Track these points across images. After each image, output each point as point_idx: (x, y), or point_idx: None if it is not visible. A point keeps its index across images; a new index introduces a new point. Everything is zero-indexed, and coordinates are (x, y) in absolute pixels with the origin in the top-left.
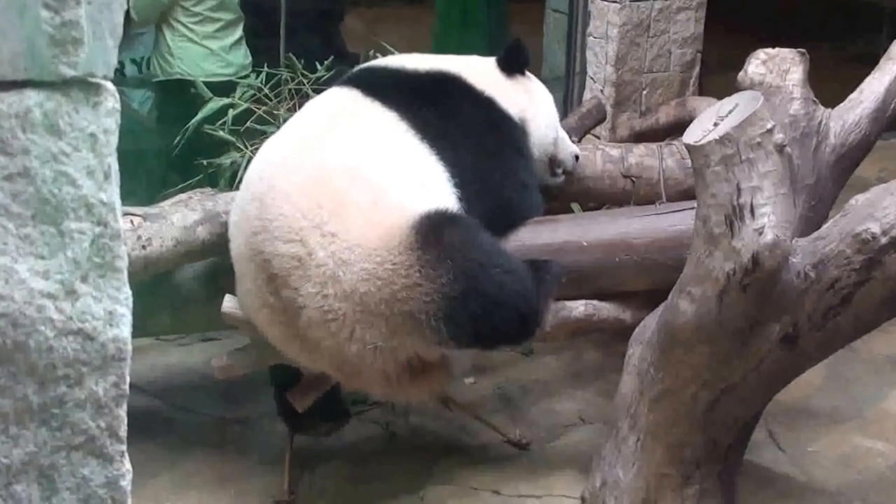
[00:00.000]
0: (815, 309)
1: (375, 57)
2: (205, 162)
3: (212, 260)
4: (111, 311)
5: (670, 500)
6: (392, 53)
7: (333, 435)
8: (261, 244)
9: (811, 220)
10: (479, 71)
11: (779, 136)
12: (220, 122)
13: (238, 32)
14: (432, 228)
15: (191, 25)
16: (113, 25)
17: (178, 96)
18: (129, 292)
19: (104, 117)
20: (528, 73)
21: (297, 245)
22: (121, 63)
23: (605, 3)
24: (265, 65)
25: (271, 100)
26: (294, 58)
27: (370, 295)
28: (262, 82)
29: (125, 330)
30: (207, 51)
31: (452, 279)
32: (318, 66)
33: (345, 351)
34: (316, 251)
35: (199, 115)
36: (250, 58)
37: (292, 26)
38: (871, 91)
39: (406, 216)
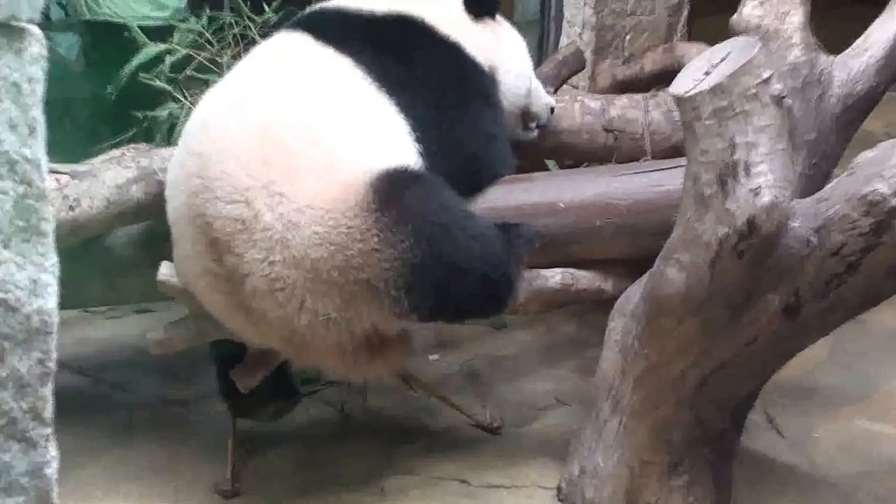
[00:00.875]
0: (817, 278)
1: None
2: (139, 114)
3: (147, 223)
4: (35, 279)
5: (655, 490)
6: None
7: (282, 418)
8: (201, 205)
9: (813, 180)
10: (443, 14)
11: (776, 87)
12: (156, 69)
13: None
14: (391, 187)
15: None
16: None
17: (109, 41)
18: (56, 259)
19: (29, 65)
20: (498, 16)
21: (242, 206)
22: (45, 5)
23: None
24: (207, 7)
25: (213, 45)
26: None
27: (322, 261)
28: (203, 26)
29: (51, 301)
30: None
31: (414, 244)
32: (266, 8)
33: (294, 323)
34: (262, 213)
35: (133, 63)
36: None
37: None
38: (878, 37)
39: (362, 174)
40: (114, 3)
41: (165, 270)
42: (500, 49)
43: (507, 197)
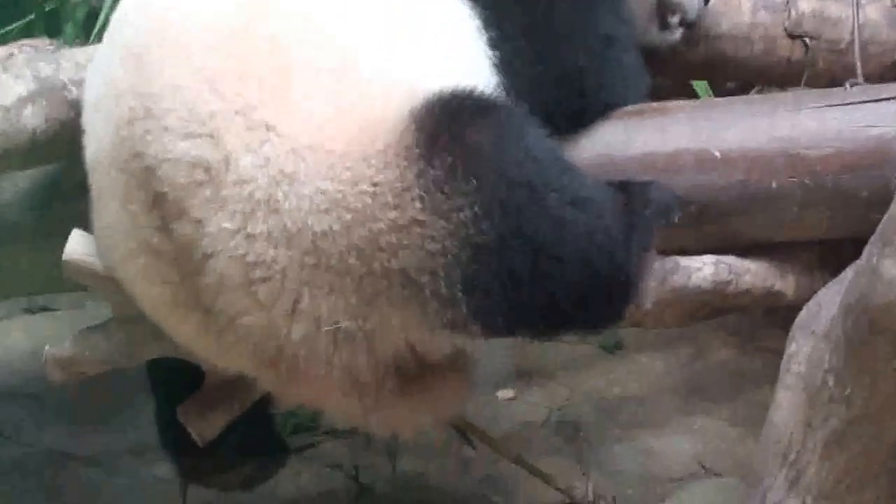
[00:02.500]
0: None
1: None
2: None
3: (49, 167)
4: None
5: None
6: None
7: (258, 486)
8: (138, 140)
9: None
10: None
11: None
12: None
13: None
14: (446, 122)
15: None
16: None
17: None
18: None
19: None
20: None
21: (205, 143)
22: None
23: None
24: None
25: None
26: None
27: (331, 238)
28: None
29: None
30: None
31: (479, 213)
32: None
33: (281, 335)
34: (237, 155)
35: None
36: None
37: None
38: None
39: (399, 99)
40: None
41: (76, 245)
42: None
43: (629, 140)
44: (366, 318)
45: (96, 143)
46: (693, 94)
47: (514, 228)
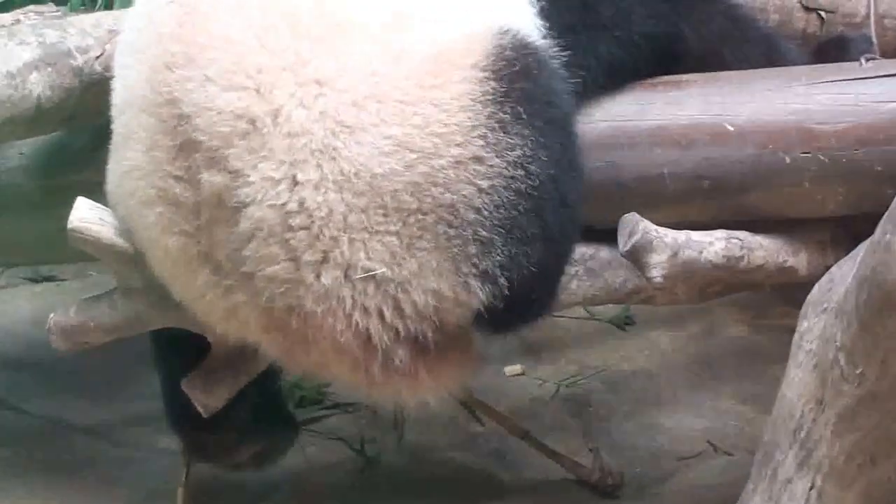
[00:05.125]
0: None
1: None
2: None
3: (55, 136)
4: None
5: None
6: None
7: (267, 464)
8: (177, 87)
9: None
10: None
11: None
12: None
13: None
14: (520, 74)
15: None
16: None
17: None
18: None
19: None
20: None
21: (251, 96)
22: None
23: None
24: None
25: None
26: None
27: (391, 177)
28: None
29: None
30: None
31: (529, 157)
32: None
33: (304, 285)
34: (288, 109)
35: None
36: None
37: None
38: None
39: (468, 47)
40: None
41: (82, 213)
42: None
43: (643, 113)
44: (402, 264)
45: (128, 85)
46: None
47: (551, 178)
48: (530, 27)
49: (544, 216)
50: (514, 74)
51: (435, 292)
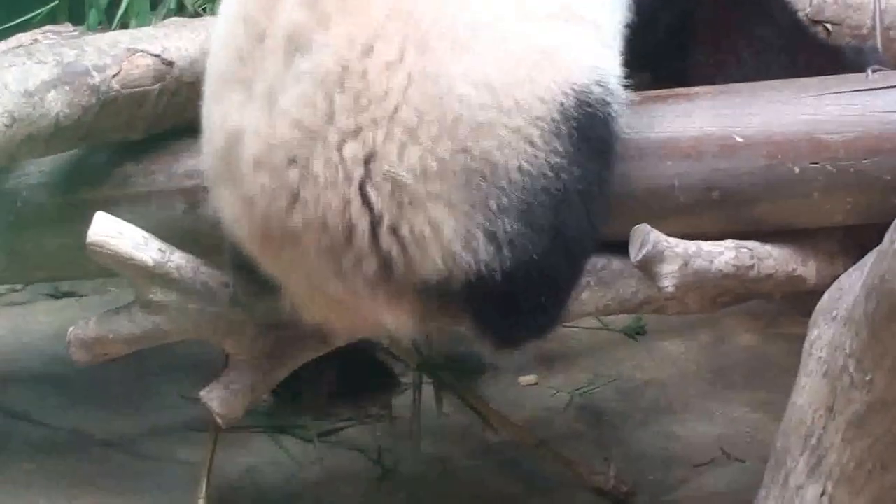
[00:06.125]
0: None
1: None
2: None
3: (72, 153)
4: None
5: None
6: None
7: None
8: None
9: None
10: None
11: None
12: None
13: None
14: (585, 125)
15: None
16: None
17: None
18: None
19: None
20: None
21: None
22: None
23: None
24: None
25: None
26: None
27: (465, 104)
28: None
29: None
30: None
31: (569, 170)
32: None
33: (321, 145)
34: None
35: None
36: None
37: None
38: None
39: (558, 80)
40: None
41: (101, 227)
42: None
43: (653, 124)
44: (425, 185)
45: None
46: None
47: (577, 192)
48: (615, 75)
49: (560, 219)
50: (588, 115)
51: (437, 226)
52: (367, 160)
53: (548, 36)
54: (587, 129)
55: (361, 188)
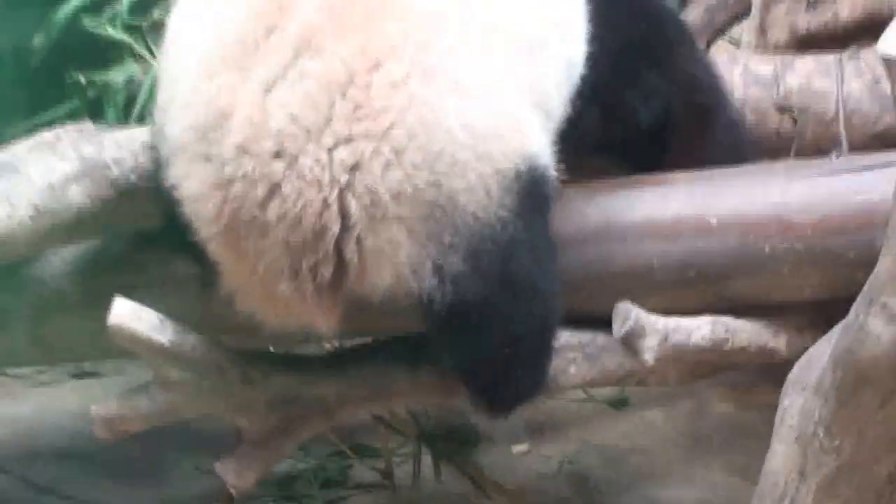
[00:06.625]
0: None
1: None
2: (83, 78)
3: (94, 242)
4: None
5: None
6: None
7: None
8: None
9: None
10: None
11: None
12: (108, 12)
13: None
14: (529, 198)
15: None
16: None
17: None
18: None
19: None
20: None
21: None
22: None
23: None
24: None
25: None
26: None
27: (436, 135)
28: None
29: None
30: None
31: (515, 230)
32: None
33: (311, 143)
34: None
35: (73, 1)
36: None
37: None
38: None
39: (512, 151)
40: None
41: (121, 311)
42: None
43: (631, 208)
44: (389, 211)
45: None
46: None
47: (523, 246)
48: (550, 154)
49: (508, 269)
50: (534, 180)
51: (395, 246)
52: (354, 169)
53: (523, 107)
54: (532, 190)
55: (342, 194)
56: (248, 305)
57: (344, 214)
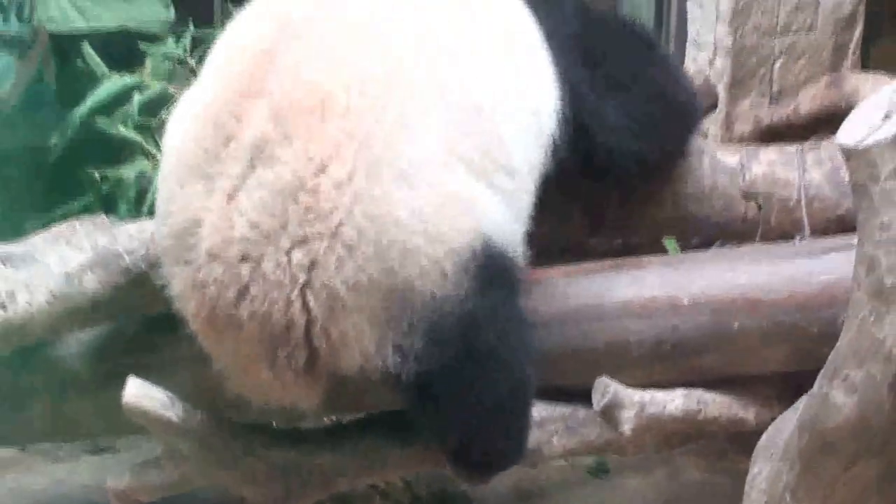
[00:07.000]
0: None
1: None
2: (97, 174)
3: (107, 326)
4: None
5: None
6: None
7: None
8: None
9: None
10: None
11: None
12: (120, 111)
13: None
14: (487, 283)
15: None
16: None
17: (65, 63)
18: None
19: None
20: None
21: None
22: None
23: None
24: (190, 21)
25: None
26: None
27: (389, 228)
28: (185, 49)
29: None
30: None
31: (477, 304)
32: None
33: (272, 249)
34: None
35: (88, 102)
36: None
37: None
38: None
39: (468, 233)
40: (93, 6)
41: (134, 390)
42: None
43: (611, 289)
44: (350, 302)
45: None
46: (663, 249)
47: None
48: (516, 231)
49: (469, 339)
50: (491, 257)
51: (359, 332)
52: (310, 268)
53: (471, 184)
54: (491, 265)
55: (302, 291)
56: (236, 388)
57: (307, 309)
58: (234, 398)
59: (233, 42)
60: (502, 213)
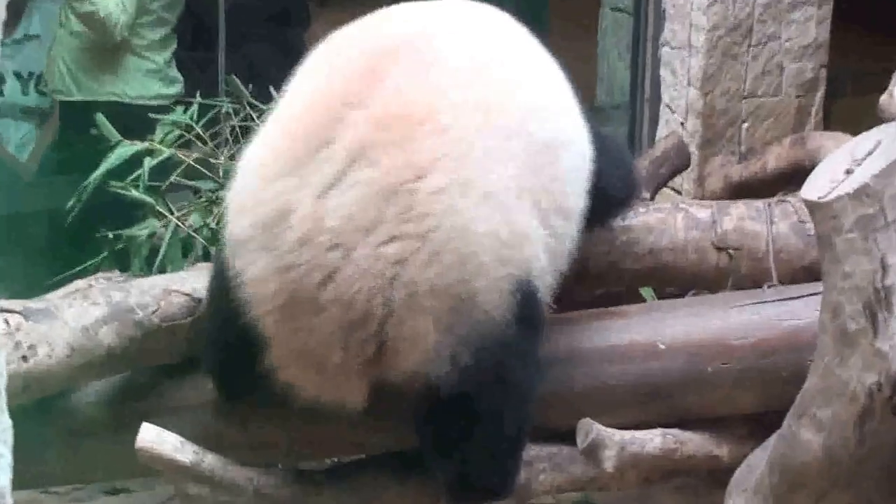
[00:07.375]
0: None
1: None
2: (111, 234)
3: (122, 376)
4: None
5: None
6: None
7: None
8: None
9: None
10: None
11: None
12: (133, 176)
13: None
14: (535, 310)
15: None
16: None
17: (78, 133)
18: (9, 423)
19: None
20: None
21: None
22: None
23: None
24: (197, 91)
25: (206, 143)
26: (238, 81)
27: (464, 246)
28: (192, 117)
29: (3, 477)
30: (151, 63)
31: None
32: (274, 93)
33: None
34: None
35: (102, 168)
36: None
37: (236, 33)
38: None
39: (502, 288)
40: (107, 81)
41: (147, 435)
42: None
43: (593, 336)
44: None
45: None
46: (641, 298)
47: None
48: (548, 276)
49: (503, 368)
50: (530, 291)
51: (426, 333)
52: (398, 263)
53: (532, 222)
54: (527, 301)
55: (388, 283)
56: (290, 376)
57: (388, 301)
58: (245, 441)
59: (327, 61)
60: (548, 254)
